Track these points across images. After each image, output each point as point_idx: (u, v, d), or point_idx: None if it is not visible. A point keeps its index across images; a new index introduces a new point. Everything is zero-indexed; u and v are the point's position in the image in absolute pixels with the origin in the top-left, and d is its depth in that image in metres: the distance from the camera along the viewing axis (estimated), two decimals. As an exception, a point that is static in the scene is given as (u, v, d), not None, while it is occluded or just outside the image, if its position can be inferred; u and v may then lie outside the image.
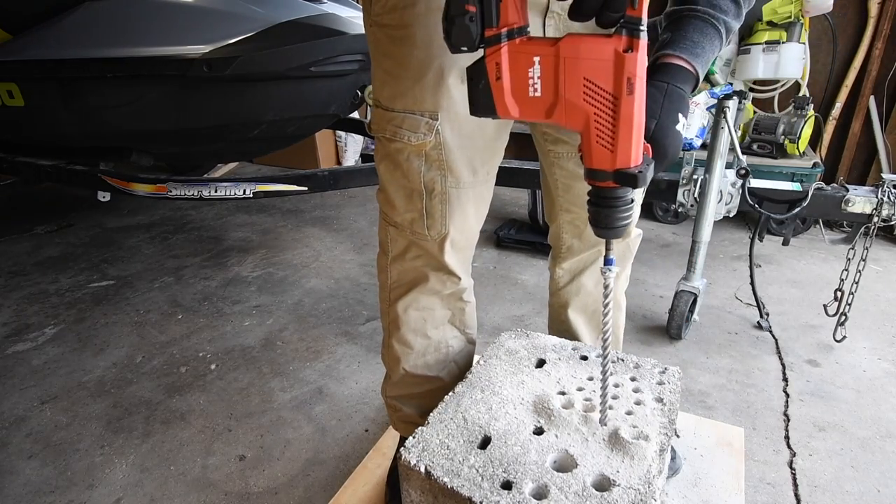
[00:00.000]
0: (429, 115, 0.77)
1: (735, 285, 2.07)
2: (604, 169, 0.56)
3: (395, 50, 0.76)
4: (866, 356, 1.63)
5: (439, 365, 1.00)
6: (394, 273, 0.94)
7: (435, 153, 0.80)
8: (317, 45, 1.88)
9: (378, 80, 0.81)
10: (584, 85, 0.52)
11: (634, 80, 0.51)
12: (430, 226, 0.85)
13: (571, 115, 0.54)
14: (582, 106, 0.53)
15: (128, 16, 1.88)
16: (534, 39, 0.54)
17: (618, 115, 0.53)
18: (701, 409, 1.42)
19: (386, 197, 0.88)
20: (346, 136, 3.56)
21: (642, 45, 0.50)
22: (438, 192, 0.83)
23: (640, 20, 0.49)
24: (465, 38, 0.52)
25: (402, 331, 0.96)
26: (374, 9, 0.77)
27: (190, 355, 1.70)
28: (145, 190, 2.08)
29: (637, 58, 0.50)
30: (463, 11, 0.51)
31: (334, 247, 2.50)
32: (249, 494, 1.20)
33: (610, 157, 0.55)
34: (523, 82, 0.54)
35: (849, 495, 1.16)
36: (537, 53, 0.53)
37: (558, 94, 0.54)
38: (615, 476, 0.70)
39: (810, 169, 2.34)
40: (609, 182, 0.57)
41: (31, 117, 2.09)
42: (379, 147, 0.85)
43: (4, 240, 2.59)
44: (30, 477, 1.26)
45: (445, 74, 0.75)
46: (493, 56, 0.53)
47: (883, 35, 2.43)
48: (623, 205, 0.59)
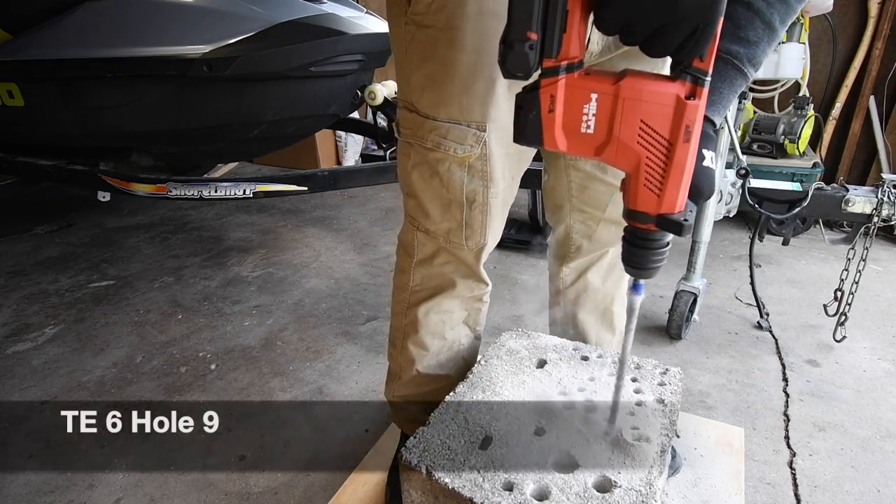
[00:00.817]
0: (476, 125, 0.73)
1: (735, 285, 2.07)
2: (647, 212, 0.55)
3: (440, 53, 0.70)
4: (866, 356, 1.63)
5: (450, 363, 0.99)
6: (417, 277, 0.92)
7: (479, 164, 0.76)
8: (317, 45, 1.87)
9: (416, 84, 0.76)
10: (641, 128, 0.51)
11: (693, 128, 0.50)
12: (468, 236, 0.83)
13: (622, 156, 0.53)
14: (635, 148, 0.52)
15: (128, 16, 1.88)
16: (592, 74, 0.52)
17: (671, 162, 0.52)
18: (701, 409, 1.42)
19: (418, 204, 0.84)
20: (346, 136, 3.55)
21: (705, 93, 0.50)
22: (480, 202, 0.80)
23: (707, 71, 0.49)
24: (521, 66, 0.49)
25: (419, 334, 0.95)
26: (413, 7, 0.71)
27: (190, 355, 1.70)
28: (145, 190, 2.08)
29: (699, 106, 0.50)
30: (524, 38, 0.48)
31: (334, 247, 2.50)
32: (249, 494, 1.20)
33: (656, 201, 0.54)
34: (577, 118, 0.52)
35: (849, 495, 1.16)
36: (596, 90, 0.51)
37: (612, 133, 0.52)
38: (616, 477, 0.70)
39: (810, 169, 2.34)
40: (650, 225, 0.56)
41: (31, 117, 2.09)
42: (411, 153, 0.81)
43: (4, 240, 2.58)
44: (30, 477, 1.26)
45: (496, 83, 0.71)
46: (548, 88, 0.51)
47: (883, 35, 2.43)
48: (659, 247, 0.58)
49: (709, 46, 0.48)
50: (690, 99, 0.49)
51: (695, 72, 0.49)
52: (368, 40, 1.96)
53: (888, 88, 2.51)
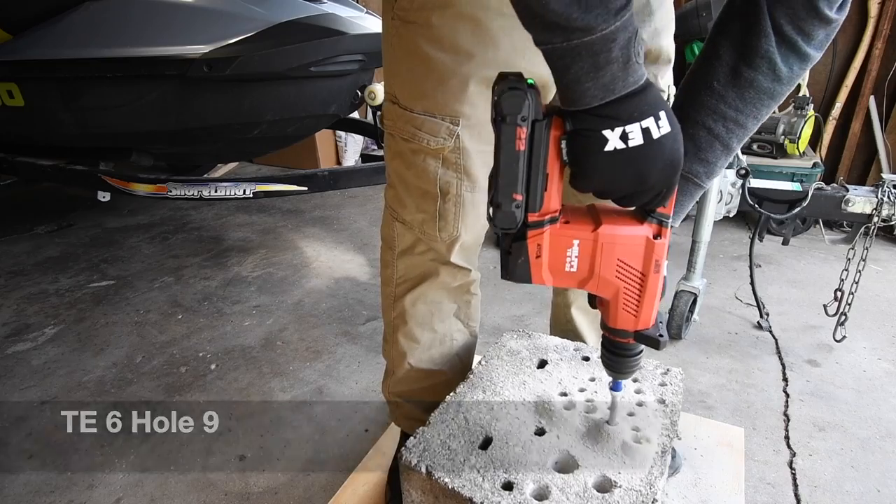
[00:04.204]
0: (450, 119, 0.76)
1: (735, 285, 2.07)
2: (626, 329, 0.64)
3: (420, 49, 0.74)
4: (866, 356, 1.63)
5: (443, 359, 0.99)
6: (401, 267, 0.93)
7: (453, 157, 0.79)
8: (317, 45, 1.87)
9: (398, 77, 0.79)
10: (618, 264, 0.60)
11: (661, 261, 0.59)
12: (441, 228, 0.84)
13: (603, 287, 0.61)
14: (614, 281, 0.60)
15: (128, 16, 1.88)
16: (572, 223, 0.60)
17: (644, 289, 0.61)
18: (701, 409, 1.42)
19: (396, 194, 0.87)
20: (346, 136, 3.55)
21: (669, 232, 0.59)
22: (453, 194, 0.82)
23: (669, 215, 0.58)
24: (509, 222, 0.56)
25: (409, 325, 0.95)
26: (400, 2, 0.74)
27: (190, 355, 1.70)
28: (145, 190, 2.08)
29: (665, 244, 0.59)
30: (511, 199, 0.55)
31: (334, 247, 2.50)
32: (249, 494, 1.20)
33: (633, 320, 0.63)
34: (561, 260, 0.60)
35: (849, 495, 1.16)
36: (577, 237, 0.59)
37: (593, 270, 0.60)
38: (616, 477, 0.70)
39: (810, 169, 2.34)
40: (629, 339, 0.65)
41: (31, 117, 2.09)
42: (392, 144, 0.84)
43: (4, 240, 2.58)
44: (30, 477, 1.26)
45: (469, 81, 0.73)
46: (535, 238, 0.58)
47: (883, 35, 2.43)
48: (635, 354, 0.68)
49: (670, 199, 0.57)
50: (657, 238, 0.59)
51: (659, 216, 0.58)
52: (368, 40, 1.96)
53: (888, 88, 2.51)
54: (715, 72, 0.64)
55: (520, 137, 0.52)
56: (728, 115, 0.65)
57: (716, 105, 0.65)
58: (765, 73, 0.62)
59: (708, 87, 0.65)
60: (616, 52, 0.47)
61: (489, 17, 0.70)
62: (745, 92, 0.63)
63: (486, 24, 0.70)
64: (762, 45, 0.60)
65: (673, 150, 0.52)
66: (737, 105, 0.64)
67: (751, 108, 0.65)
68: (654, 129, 0.50)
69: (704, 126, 0.66)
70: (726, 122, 0.65)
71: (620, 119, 0.50)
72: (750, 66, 0.62)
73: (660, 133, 0.51)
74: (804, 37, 0.59)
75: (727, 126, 0.66)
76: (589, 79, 0.48)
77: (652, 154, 0.51)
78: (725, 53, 0.63)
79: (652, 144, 0.51)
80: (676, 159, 0.53)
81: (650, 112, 0.50)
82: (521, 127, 0.52)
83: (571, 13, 0.44)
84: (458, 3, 0.69)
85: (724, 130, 0.66)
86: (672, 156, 0.52)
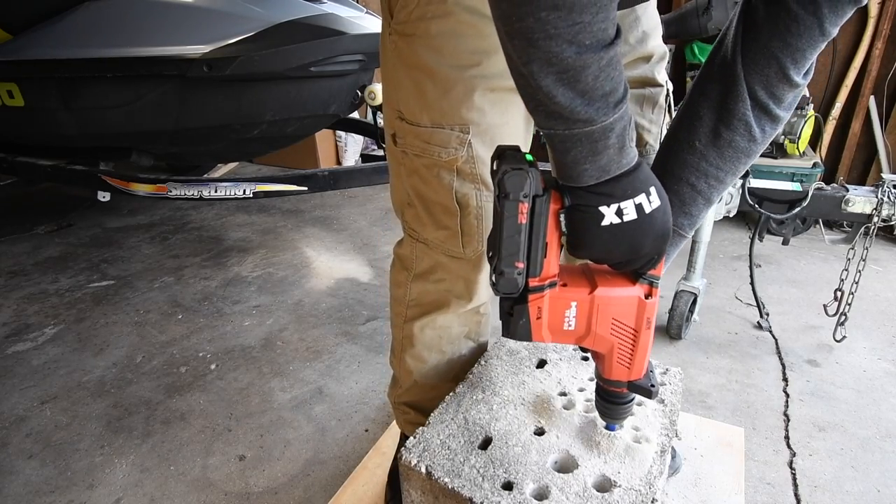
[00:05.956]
0: (459, 128, 0.75)
1: (735, 285, 2.07)
2: (620, 380, 0.69)
3: (422, 60, 0.73)
4: (866, 356, 1.63)
5: (452, 372, 0.99)
6: (414, 292, 0.92)
7: (467, 167, 0.77)
8: (317, 45, 1.87)
9: (401, 92, 0.78)
10: (613, 322, 0.64)
11: (652, 318, 0.65)
12: (465, 243, 0.82)
13: (599, 343, 0.66)
14: (609, 337, 0.65)
15: (128, 16, 1.88)
16: (570, 286, 0.64)
17: (637, 344, 0.66)
18: (701, 409, 1.42)
19: (416, 214, 0.85)
20: (346, 136, 3.55)
21: (658, 292, 0.64)
22: (473, 206, 0.80)
23: (659, 276, 0.63)
24: (512, 287, 0.60)
25: (416, 348, 0.94)
26: (396, 17, 0.73)
27: (190, 355, 1.70)
28: (145, 190, 2.08)
29: (655, 303, 0.64)
30: (513, 267, 0.59)
31: (334, 247, 2.50)
32: (249, 494, 1.20)
33: (627, 372, 0.68)
34: (560, 320, 0.64)
35: (849, 495, 1.16)
36: (574, 299, 0.64)
37: (590, 328, 0.65)
38: (616, 477, 0.70)
39: (810, 169, 2.34)
40: (623, 389, 0.70)
41: (31, 117, 2.09)
42: (406, 162, 0.81)
43: (4, 240, 2.58)
44: (30, 477, 1.26)
45: (475, 88, 0.73)
46: (535, 301, 0.62)
47: (883, 35, 2.43)
48: (628, 402, 0.73)
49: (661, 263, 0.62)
50: (648, 298, 0.64)
51: (650, 277, 0.63)
52: (368, 40, 1.96)
53: (888, 88, 2.50)
54: (696, 132, 0.68)
55: (522, 212, 0.56)
56: (710, 172, 0.70)
57: (698, 163, 0.69)
58: (742, 134, 0.66)
59: (690, 145, 0.69)
60: (613, 140, 0.51)
61: (489, 23, 0.70)
62: (724, 151, 0.68)
63: (487, 30, 0.69)
64: (739, 108, 0.65)
65: (663, 221, 0.57)
66: (717, 163, 0.69)
67: (730, 166, 0.70)
68: (647, 205, 0.55)
69: (688, 182, 0.71)
70: (708, 179, 0.70)
71: (615, 196, 0.54)
72: (728, 127, 0.66)
73: (651, 207, 0.55)
74: (775, 101, 0.64)
75: (709, 182, 0.70)
76: (587, 161, 0.52)
77: (645, 227, 0.56)
78: (706, 115, 0.68)
79: (645, 218, 0.55)
80: (667, 230, 0.58)
81: (642, 189, 0.55)
82: (524, 202, 0.55)
83: (575, 107, 0.48)
84: (458, 11, 0.69)
85: (706, 186, 0.71)
86: (663, 227, 0.57)
